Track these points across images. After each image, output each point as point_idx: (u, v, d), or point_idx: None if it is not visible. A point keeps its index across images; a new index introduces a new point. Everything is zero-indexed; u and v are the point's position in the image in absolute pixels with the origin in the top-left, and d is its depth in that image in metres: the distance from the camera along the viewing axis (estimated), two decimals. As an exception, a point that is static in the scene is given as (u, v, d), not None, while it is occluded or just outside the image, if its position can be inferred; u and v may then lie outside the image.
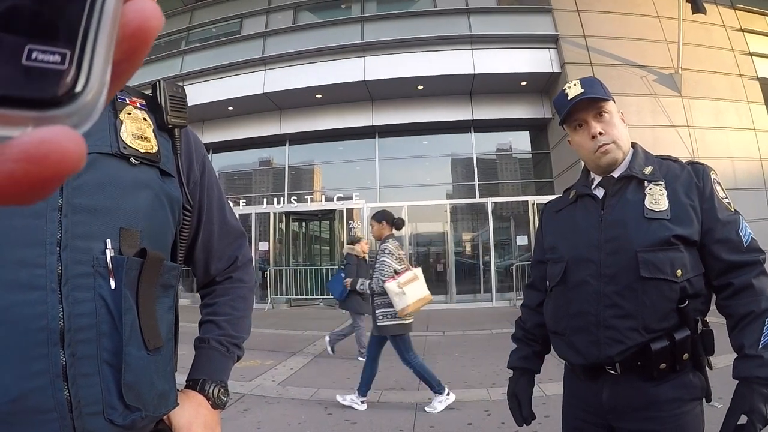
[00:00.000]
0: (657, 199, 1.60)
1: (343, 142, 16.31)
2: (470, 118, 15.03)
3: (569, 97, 1.70)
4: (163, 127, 1.09)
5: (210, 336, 1.23)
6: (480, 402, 4.91)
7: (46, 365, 0.81)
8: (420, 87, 14.63)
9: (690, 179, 1.63)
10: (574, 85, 1.72)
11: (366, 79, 14.18)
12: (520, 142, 16.32)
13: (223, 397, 1.18)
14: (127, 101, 1.05)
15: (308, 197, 15.27)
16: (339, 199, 14.57)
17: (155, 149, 1.03)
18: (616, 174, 1.71)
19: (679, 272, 1.53)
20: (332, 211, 14.95)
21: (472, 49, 14.06)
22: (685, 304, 1.53)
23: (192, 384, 1.17)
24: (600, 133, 1.67)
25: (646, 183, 1.64)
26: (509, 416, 1.97)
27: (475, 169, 15.44)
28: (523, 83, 14.41)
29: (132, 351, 0.90)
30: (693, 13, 12.40)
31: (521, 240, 13.93)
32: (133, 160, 0.98)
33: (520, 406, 1.92)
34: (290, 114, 15.76)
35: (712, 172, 1.66)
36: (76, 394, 0.84)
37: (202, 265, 1.28)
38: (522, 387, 1.96)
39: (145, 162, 1.00)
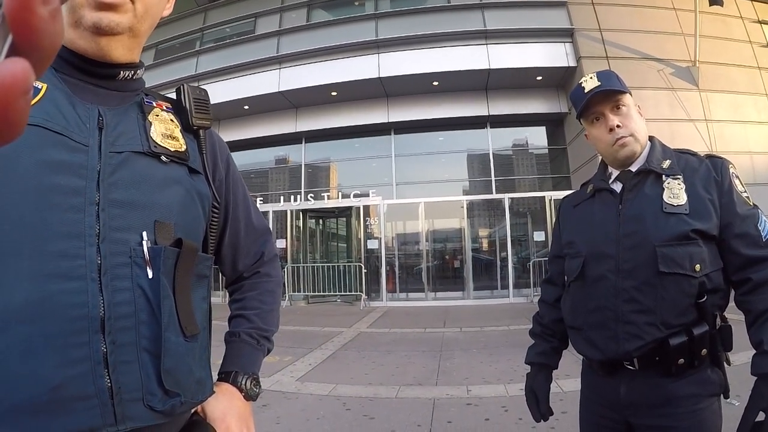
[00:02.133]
0: (675, 193, 1.59)
1: (359, 139, 16.35)
2: (486, 113, 14.97)
3: (586, 90, 1.69)
4: (188, 129, 1.13)
5: (240, 330, 1.26)
6: (497, 398, 4.91)
7: (87, 352, 0.83)
8: (435, 83, 14.61)
9: (708, 173, 1.61)
10: (591, 78, 1.71)
11: (381, 75, 14.19)
12: (537, 138, 16.23)
13: (255, 389, 1.21)
14: (154, 104, 1.08)
15: (325, 194, 15.33)
16: (355, 196, 14.59)
17: (184, 148, 1.07)
18: (633, 168, 1.70)
19: (697, 267, 1.51)
20: (349, 208, 14.97)
21: (486, 44, 14.00)
22: (703, 299, 1.52)
23: (224, 377, 1.20)
24: (618, 126, 1.67)
25: (664, 177, 1.63)
26: (526, 412, 1.98)
27: (492, 164, 15.39)
28: (539, 78, 14.32)
29: (171, 337, 0.93)
30: (710, 5, 12.28)
31: (538, 236, 13.84)
32: (163, 158, 1.01)
33: (538, 402, 1.93)
34: (306, 112, 15.83)
35: (730, 165, 1.64)
36: (117, 381, 0.86)
37: (229, 262, 1.31)
38: (540, 383, 1.96)
39: (175, 160, 1.04)
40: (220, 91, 14.79)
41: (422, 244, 14.50)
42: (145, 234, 0.93)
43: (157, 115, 1.06)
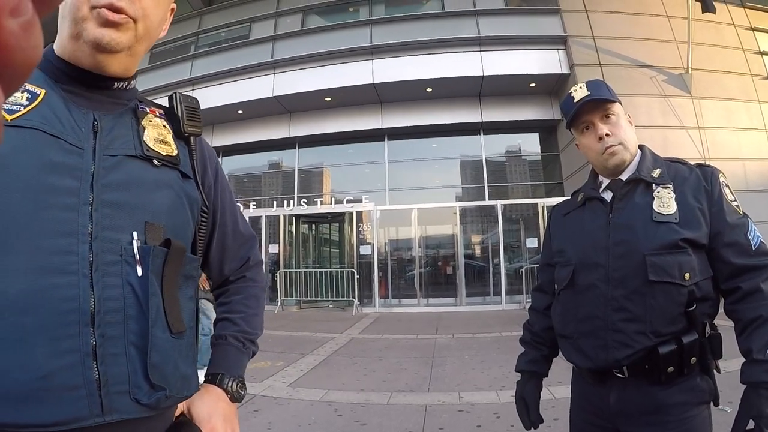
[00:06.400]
0: (665, 202, 1.60)
1: (352, 144, 16.33)
2: (479, 120, 15.00)
3: (575, 100, 1.71)
4: (180, 136, 1.17)
5: (226, 332, 1.29)
6: (489, 404, 4.91)
7: (77, 344, 0.87)
8: (429, 89, 14.62)
9: (698, 182, 1.62)
10: (580, 88, 1.73)
11: (375, 81, 14.20)
12: (530, 144, 16.25)
13: (241, 391, 1.24)
14: (148, 110, 1.13)
15: (318, 200, 15.29)
16: (348, 201, 14.63)
17: (175, 152, 1.12)
18: (624, 177, 1.71)
19: (687, 276, 1.52)
20: (342, 214, 14.98)
21: (480, 51, 14.03)
22: (693, 308, 1.52)
23: (211, 378, 1.23)
24: (607, 135, 1.68)
25: (654, 186, 1.64)
26: (518, 419, 1.98)
27: (485, 171, 15.40)
28: (532, 85, 14.36)
29: (157, 333, 0.97)
30: (703, 13, 12.32)
31: (531, 242, 13.87)
32: (155, 161, 1.06)
33: (528, 410, 1.93)
34: (299, 117, 15.82)
35: (720, 174, 1.66)
36: (105, 373, 0.90)
37: (216, 266, 1.35)
38: (530, 390, 1.96)
39: (166, 164, 1.08)
40: (214, 96, 14.77)
41: (415, 250, 14.51)
42: (135, 234, 0.98)
43: (151, 121, 1.10)
